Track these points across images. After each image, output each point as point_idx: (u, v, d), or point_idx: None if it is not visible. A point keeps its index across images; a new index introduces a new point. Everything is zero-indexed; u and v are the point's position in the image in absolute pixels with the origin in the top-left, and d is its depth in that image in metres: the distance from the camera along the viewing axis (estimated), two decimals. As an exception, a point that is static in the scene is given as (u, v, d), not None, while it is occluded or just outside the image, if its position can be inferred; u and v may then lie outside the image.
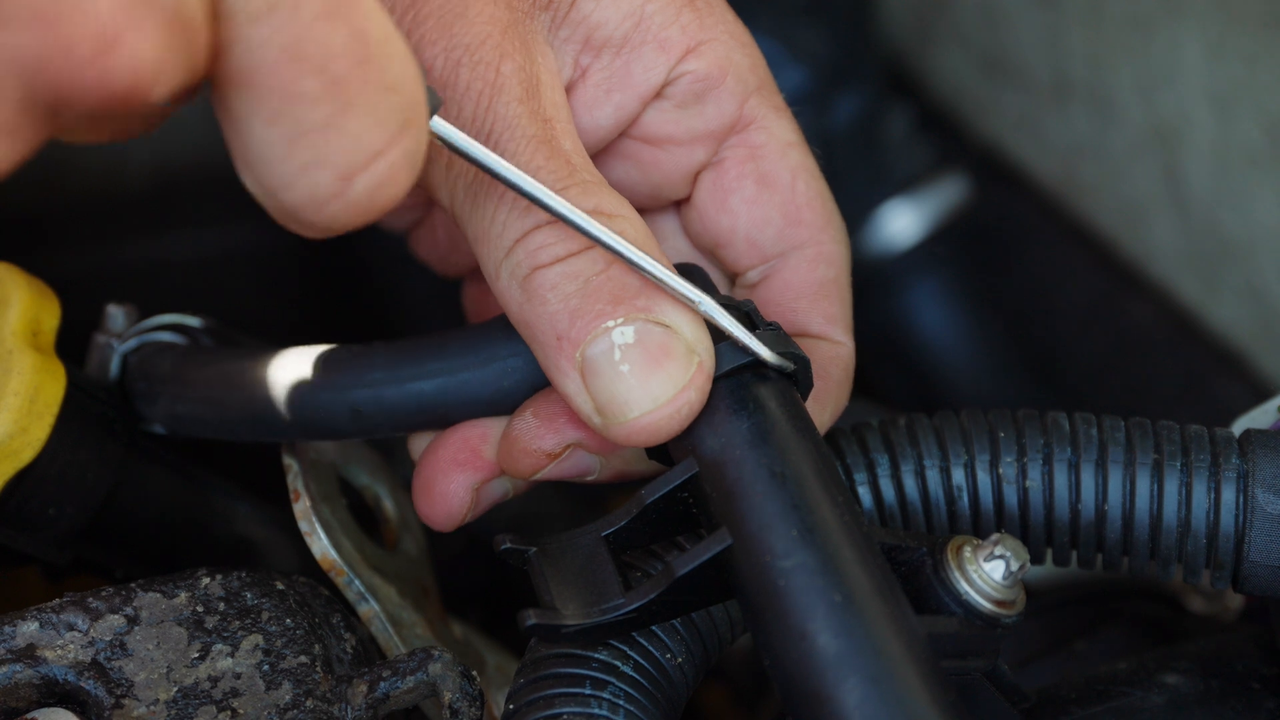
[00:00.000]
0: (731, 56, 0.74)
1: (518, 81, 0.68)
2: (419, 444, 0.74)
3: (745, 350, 0.66)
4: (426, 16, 0.69)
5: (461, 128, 0.67)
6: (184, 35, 0.52)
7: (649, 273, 0.65)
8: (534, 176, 0.66)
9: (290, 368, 0.73)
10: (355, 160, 0.56)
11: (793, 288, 0.74)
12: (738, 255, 0.75)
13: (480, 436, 0.72)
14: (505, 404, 0.71)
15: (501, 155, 0.66)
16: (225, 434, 0.76)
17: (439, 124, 0.63)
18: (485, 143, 0.67)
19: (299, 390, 0.72)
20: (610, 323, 0.65)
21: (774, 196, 0.75)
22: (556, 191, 0.66)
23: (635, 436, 0.65)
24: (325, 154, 0.56)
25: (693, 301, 0.65)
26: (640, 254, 0.65)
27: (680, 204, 0.77)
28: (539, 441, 0.70)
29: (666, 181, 0.76)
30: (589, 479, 0.72)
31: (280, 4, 0.54)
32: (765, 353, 0.66)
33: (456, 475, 0.72)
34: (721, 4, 0.75)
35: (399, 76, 0.57)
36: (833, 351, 0.74)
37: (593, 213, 0.66)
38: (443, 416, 0.72)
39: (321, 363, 0.72)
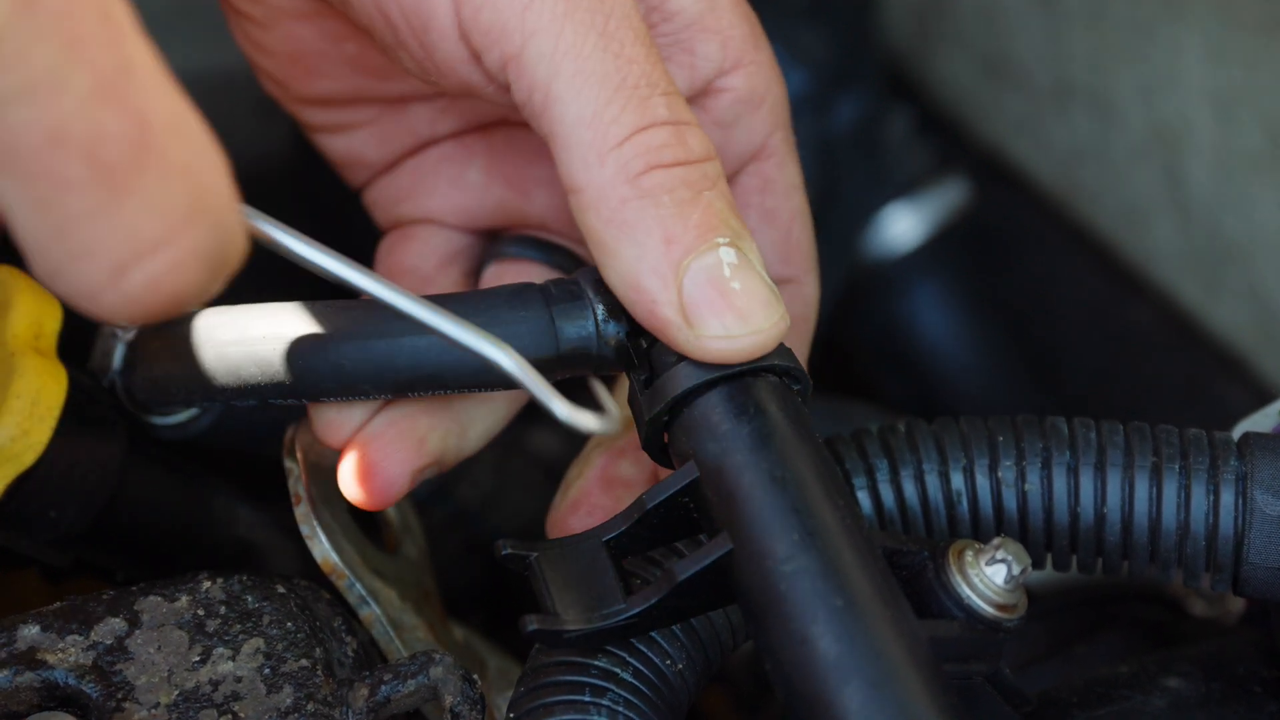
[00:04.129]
0: (772, 86, 0.73)
1: None
2: (334, 419, 0.73)
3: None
4: None
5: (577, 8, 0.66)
6: None
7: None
8: (638, 66, 0.65)
9: (270, 321, 0.70)
10: (127, 252, 0.53)
11: None
12: None
13: (428, 425, 0.72)
14: (503, 372, 0.69)
15: (612, 35, 0.65)
16: (200, 395, 0.72)
17: (252, 214, 0.61)
18: (610, 15, 0.65)
19: (278, 343, 0.69)
20: (720, 239, 0.65)
21: (772, 234, 0.75)
22: (669, 93, 0.65)
23: (726, 354, 0.65)
24: (93, 244, 0.52)
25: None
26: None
27: None
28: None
29: None
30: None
31: (41, 84, 0.50)
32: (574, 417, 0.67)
33: (400, 460, 0.72)
34: (761, 28, 0.74)
35: (186, 164, 0.53)
36: None
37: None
38: (433, 378, 0.69)
39: (305, 316, 0.69)
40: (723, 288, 0.65)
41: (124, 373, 0.75)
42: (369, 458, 0.72)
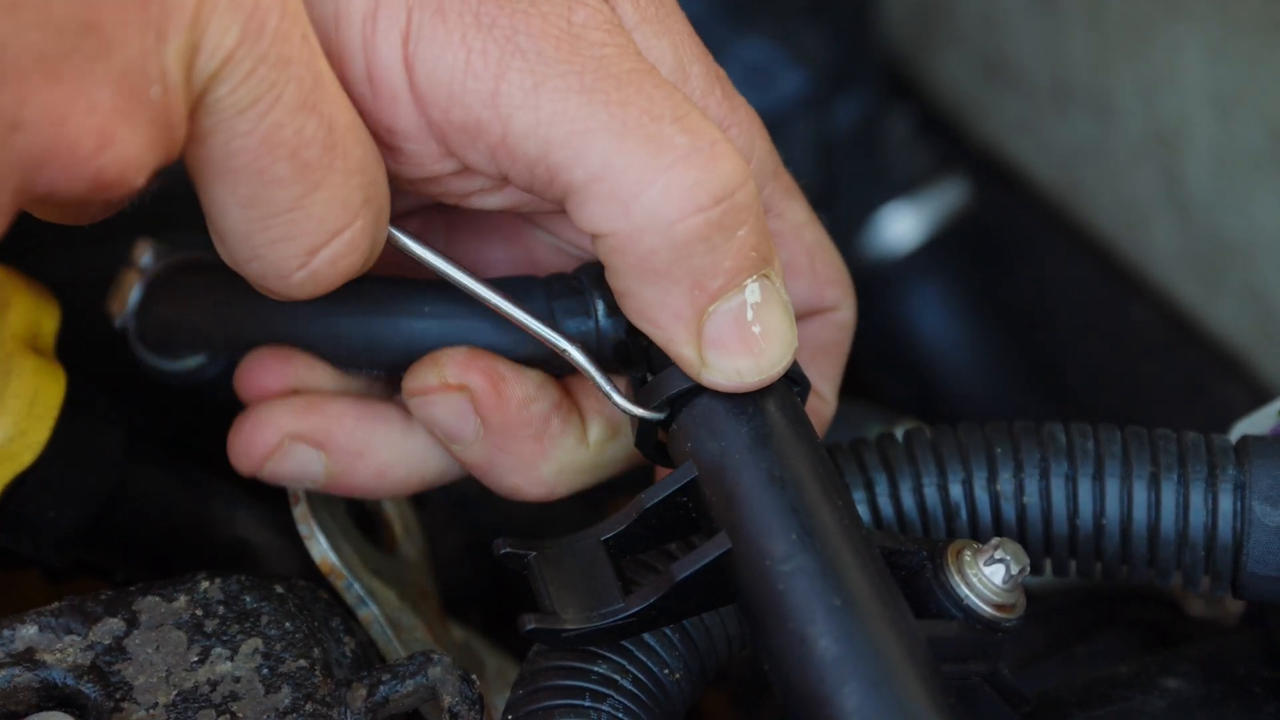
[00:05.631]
0: (755, 142, 0.70)
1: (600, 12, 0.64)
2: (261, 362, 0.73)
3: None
4: None
5: (551, 45, 0.63)
6: (167, 131, 0.56)
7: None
8: (634, 106, 0.62)
9: None
10: (319, 237, 0.61)
11: (801, 341, 0.72)
12: None
13: (326, 402, 0.72)
14: (509, 350, 0.70)
15: (594, 88, 0.62)
16: (205, 343, 0.75)
17: (394, 232, 0.66)
18: (585, 70, 0.62)
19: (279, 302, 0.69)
20: (748, 280, 0.64)
21: (798, 281, 0.73)
22: (680, 117, 0.62)
23: (736, 388, 0.65)
24: (292, 231, 0.61)
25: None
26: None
27: None
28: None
29: None
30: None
31: (262, 98, 0.58)
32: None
33: (275, 419, 0.72)
34: (730, 83, 0.71)
35: (361, 159, 0.61)
36: (816, 405, 0.74)
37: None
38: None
39: None
40: (744, 332, 0.64)
41: (139, 313, 0.76)
42: (253, 410, 0.72)
